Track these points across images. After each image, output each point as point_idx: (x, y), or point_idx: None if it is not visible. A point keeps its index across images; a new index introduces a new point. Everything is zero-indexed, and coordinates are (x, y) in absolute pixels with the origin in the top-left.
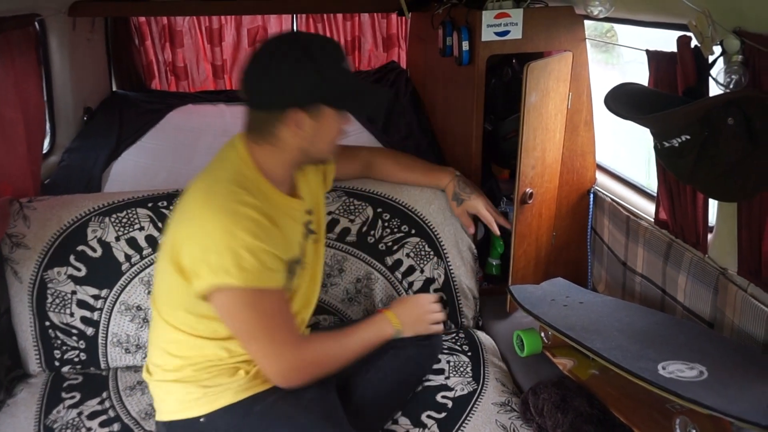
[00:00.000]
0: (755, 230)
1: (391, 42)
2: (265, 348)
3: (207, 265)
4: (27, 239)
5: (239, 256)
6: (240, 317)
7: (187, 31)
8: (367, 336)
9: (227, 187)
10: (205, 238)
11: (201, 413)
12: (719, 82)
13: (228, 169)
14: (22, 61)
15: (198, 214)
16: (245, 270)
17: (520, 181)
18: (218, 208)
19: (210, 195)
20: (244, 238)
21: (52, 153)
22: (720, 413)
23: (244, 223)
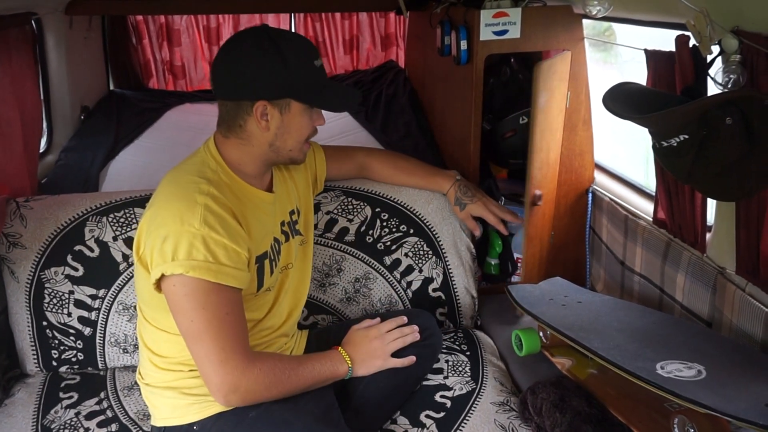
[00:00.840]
0: (753, 230)
1: (390, 41)
2: (208, 355)
3: (159, 253)
4: (24, 239)
5: (191, 245)
6: (186, 312)
7: (184, 30)
8: (322, 369)
9: (189, 178)
10: (159, 227)
11: (194, 420)
12: (717, 81)
13: (195, 162)
14: (18, 60)
15: (157, 203)
16: (194, 260)
17: (530, 183)
18: (176, 197)
19: (171, 185)
20: (198, 227)
21: (49, 152)
22: (718, 412)
23: (197, 211)
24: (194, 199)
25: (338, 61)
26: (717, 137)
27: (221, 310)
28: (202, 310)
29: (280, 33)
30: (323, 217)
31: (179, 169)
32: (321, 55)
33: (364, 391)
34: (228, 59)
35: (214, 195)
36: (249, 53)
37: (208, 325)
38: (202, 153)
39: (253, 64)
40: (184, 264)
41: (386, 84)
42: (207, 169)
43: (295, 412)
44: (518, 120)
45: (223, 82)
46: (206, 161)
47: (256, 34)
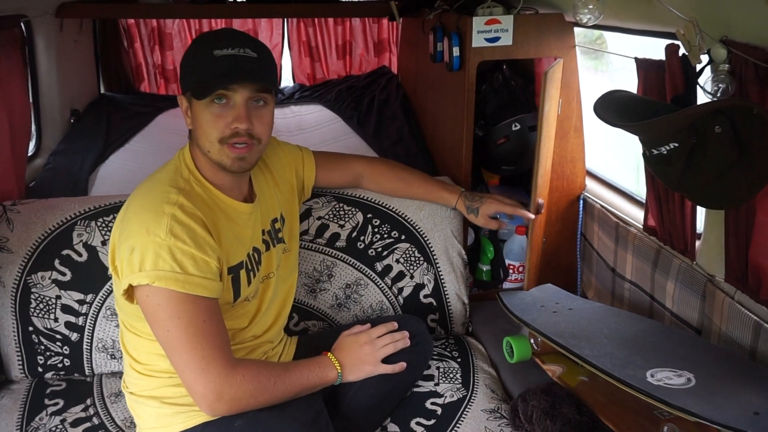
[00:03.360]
0: (742, 238)
1: (382, 47)
2: (188, 364)
3: (128, 263)
4: (10, 243)
5: (157, 255)
6: (161, 322)
7: (176, 34)
8: (310, 376)
9: (161, 188)
10: (128, 237)
11: (179, 430)
12: (707, 90)
13: (168, 170)
14: (7, 63)
15: (128, 214)
16: (161, 270)
17: (536, 192)
18: (144, 208)
19: (142, 195)
20: (163, 237)
21: (38, 155)
22: (707, 421)
23: (166, 222)
24: (162, 209)
25: (331, 66)
26: (706, 145)
27: (197, 318)
28: (177, 319)
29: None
30: (314, 223)
31: (152, 178)
32: (314, 59)
33: (354, 398)
34: None
35: (182, 204)
36: None
37: (184, 333)
38: (176, 160)
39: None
40: (151, 274)
41: (379, 90)
42: (179, 177)
43: (282, 419)
44: (511, 127)
45: None
46: (179, 169)
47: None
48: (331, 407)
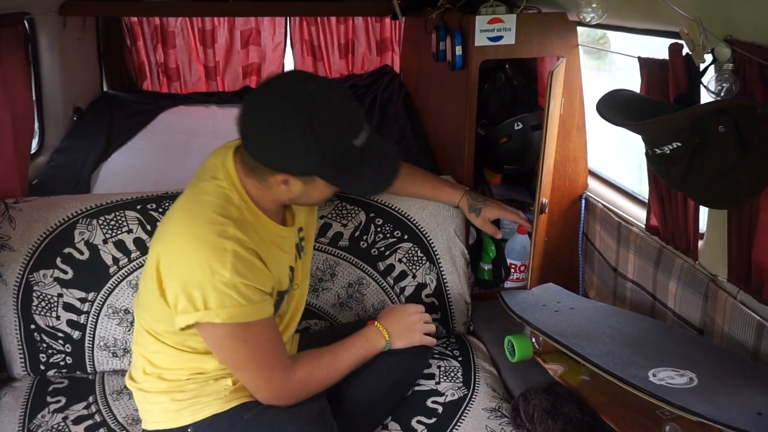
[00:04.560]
0: (745, 237)
1: (385, 46)
2: (254, 377)
3: (188, 300)
4: (12, 241)
5: (221, 293)
6: (227, 350)
7: (179, 32)
8: (359, 352)
9: (211, 216)
10: (184, 271)
11: (188, 422)
12: (710, 89)
13: (215, 194)
14: (10, 60)
15: (180, 241)
16: (227, 308)
17: (540, 192)
18: (199, 240)
19: (193, 221)
20: (225, 275)
21: (41, 153)
22: (709, 420)
23: (226, 259)
24: (222, 246)
25: (333, 65)
26: (709, 145)
27: (262, 338)
28: (244, 343)
29: (320, 102)
30: (317, 222)
31: (200, 200)
32: (317, 58)
33: (355, 395)
34: (259, 123)
35: (240, 239)
36: (280, 124)
37: (251, 354)
38: (224, 184)
39: (283, 139)
40: (219, 312)
41: (381, 88)
42: (231, 206)
43: (288, 415)
44: (513, 126)
45: (251, 143)
46: (229, 196)
47: (295, 100)
48: (332, 404)
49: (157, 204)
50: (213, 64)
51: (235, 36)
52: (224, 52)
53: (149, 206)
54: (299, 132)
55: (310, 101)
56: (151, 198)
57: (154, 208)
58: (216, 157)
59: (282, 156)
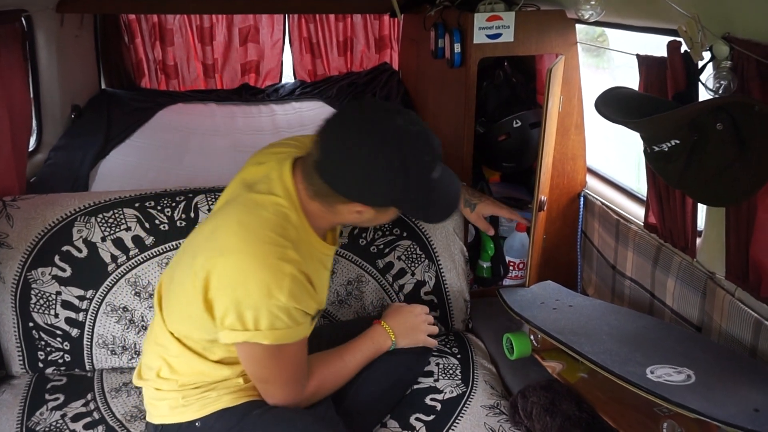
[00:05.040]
0: (743, 235)
1: (384, 43)
2: (275, 390)
3: (238, 319)
4: (10, 239)
5: (274, 316)
6: (258, 365)
7: (177, 30)
8: (365, 355)
9: (271, 236)
10: (240, 291)
11: (197, 417)
12: (708, 87)
13: (273, 211)
14: (7, 58)
15: (238, 259)
16: (277, 330)
17: (538, 189)
18: (260, 261)
19: (252, 239)
20: (282, 299)
21: (39, 151)
22: (707, 417)
23: (284, 283)
24: (282, 269)
25: (332, 62)
26: (708, 143)
27: (295, 357)
28: (278, 360)
29: (410, 137)
30: None
31: (256, 215)
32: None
33: (356, 394)
34: (346, 154)
35: (298, 262)
36: (371, 161)
37: (281, 371)
38: (283, 202)
39: (371, 175)
40: (267, 334)
41: (380, 86)
42: (289, 225)
43: (297, 411)
44: (512, 124)
45: (333, 172)
46: (288, 215)
47: (387, 135)
48: (335, 402)
49: (155, 202)
50: (211, 61)
51: (234, 33)
52: (223, 49)
53: (147, 204)
54: (390, 169)
55: (401, 138)
56: (150, 195)
57: (152, 206)
58: (266, 167)
59: (367, 190)
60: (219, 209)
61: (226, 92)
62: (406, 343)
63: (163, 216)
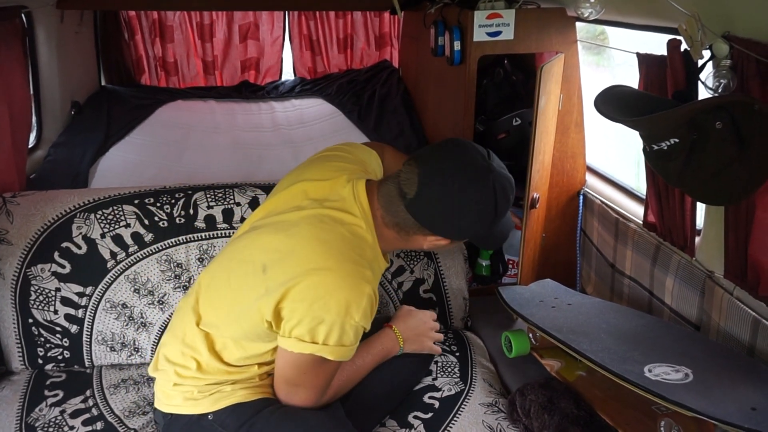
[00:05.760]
0: (741, 234)
1: (384, 41)
2: (298, 394)
3: (310, 332)
4: (10, 235)
5: (345, 333)
6: (300, 372)
7: (177, 26)
8: (375, 359)
9: (352, 256)
10: (319, 305)
11: (210, 410)
12: (708, 86)
13: (355, 233)
14: (7, 54)
15: (322, 275)
16: (343, 347)
17: (530, 186)
18: (344, 280)
19: (336, 256)
20: (357, 319)
21: (39, 147)
22: (704, 416)
23: (362, 303)
24: (362, 289)
25: (332, 60)
26: (707, 141)
27: (332, 370)
28: (316, 370)
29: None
30: None
31: (335, 232)
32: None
33: (359, 394)
34: (443, 194)
35: (373, 283)
36: (467, 202)
37: (314, 380)
38: (361, 224)
39: (467, 215)
40: (333, 351)
41: (380, 84)
42: (366, 246)
43: (308, 409)
44: (511, 122)
45: (425, 208)
46: (365, 237)
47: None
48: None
49: (154, 198)
50: (211, 58)
51: (234, 30)
52: (223, 46)
53: (147, 201)
54: (484, 212)
55: (495, 182)
56: (149, 192)
57: (152, 203)
58: (334, 183)
59: (456, 227)
60: (280, 218)
61: (225, 89)
62: (412, 349)
63: (163, 213)
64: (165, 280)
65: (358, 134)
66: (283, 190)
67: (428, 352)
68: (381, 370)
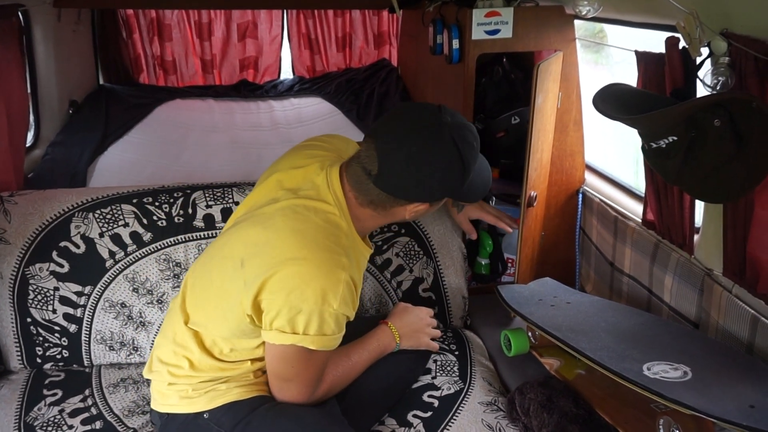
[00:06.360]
0: (740, 231)
1: (382, 39)
2: (290, 389)
3: (289, 323)
4: (8, 234)
5: (323, 321)
6: (284, 364)
7: (175, 25)
8: (371, 356)
9: (326, 244)
10: (296, 295)
11: (206, 408)
12: (706, 83)
13: (328, 220)
14: (4, 53)
15: (296, 264)
16: (324, 336)
17: (527, 184)
18: (319, 268)
19: (310, 246)
20: (334, 305)
21: (36, 146)
22: (703, 414)
23: (339, 290)
24: (338, 276)
25: (331, 59)
26: (705, 139)
27: (320, 362)
28: (305, 362)
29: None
30: None
31: (309, 222)
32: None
33: (356, 392)
34: (409, 163)
35: (350, 269)
36: (430, 163)
37: (303, 373)
38: (334, 210)
39: (434, 175)
40: (315, 339)
41: (378, 82)
42: (340, 233)
43: (304, 407)
44: (510, 120)
45: (395, 181)
46: (339, 223)
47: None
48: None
49: (153, 198)
50: (210, 57)
51: (232, 29)
52: (221, 45)
53: (145, 200)
54: (451, 167)
55: (452, 134)
56: (148, 191)
57: (150, 202)
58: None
59: (429, 190)
60: (258, 211)
61: (224, 88)
62: (409, 345)
63: (161, 212)
64: (164, 280)
65: (357, 133)
66: (260, 184)
67: (425, 348)
68: (378, 366)
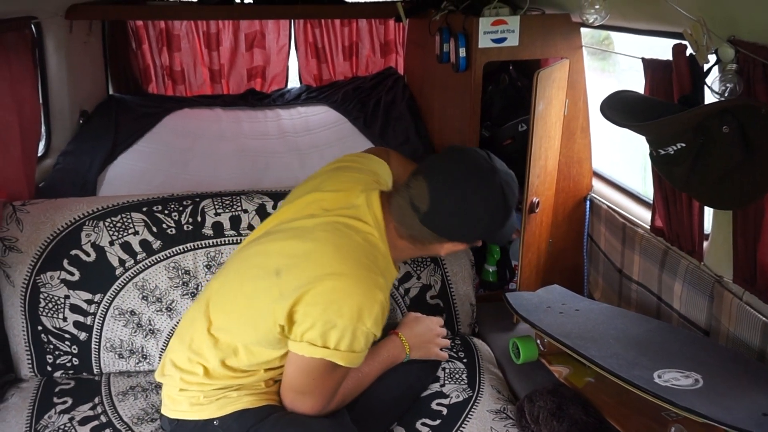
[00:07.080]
0: (750, 238)
1: (389, 48)
2: (309, 400)
3: (321, 336)
4: (20, 243)
5: (356, 339)
6: (309, 378)
7: (184, 36)
8: (384, 364)
9: (366, 263)
10: (332, 310)
11: (216, 415)
12: (714, 90)
13: (370, 242)
14: (17, 64)
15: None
16: (353, 353)
17: (528, 190)
18: (358, 286)
19: (351, 262)
20: (369, 325)
21: (48, 156)
22: (715, 422)
23: (375, 310)
24: (375, 296)
25: (337, 67)
26: (714, 146)
27: (340, 378)
28: (325, 377)
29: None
30: None
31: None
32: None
33: (366, 402)
34: (463, 208)
35: (385, 290)
36: (481, 207)
37: (324, 387)
38: (374, 232)
39: (481, 219)
40: (344, 356)
41: (385, 91)
42: (378, 254)
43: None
44: (517, 128)
45: (439, 220)
46: (378, 245)
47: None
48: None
49: (162, 206)
50: (218, 67)
51: (240, 39)
52: (229, 55)
53: (155, 208)
54: (497, 213)
55: (503, 183)
56: (157, 200)
57: (159, 210)
58: (348, 195)
59: (472, 232)
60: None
61: (232, 97)
62: (419, 355)
63: (171, 220)
64: (173, 287)
65: (364, 141)
66: (296, 200)
67: (434, 358)
68: (387, 376)
